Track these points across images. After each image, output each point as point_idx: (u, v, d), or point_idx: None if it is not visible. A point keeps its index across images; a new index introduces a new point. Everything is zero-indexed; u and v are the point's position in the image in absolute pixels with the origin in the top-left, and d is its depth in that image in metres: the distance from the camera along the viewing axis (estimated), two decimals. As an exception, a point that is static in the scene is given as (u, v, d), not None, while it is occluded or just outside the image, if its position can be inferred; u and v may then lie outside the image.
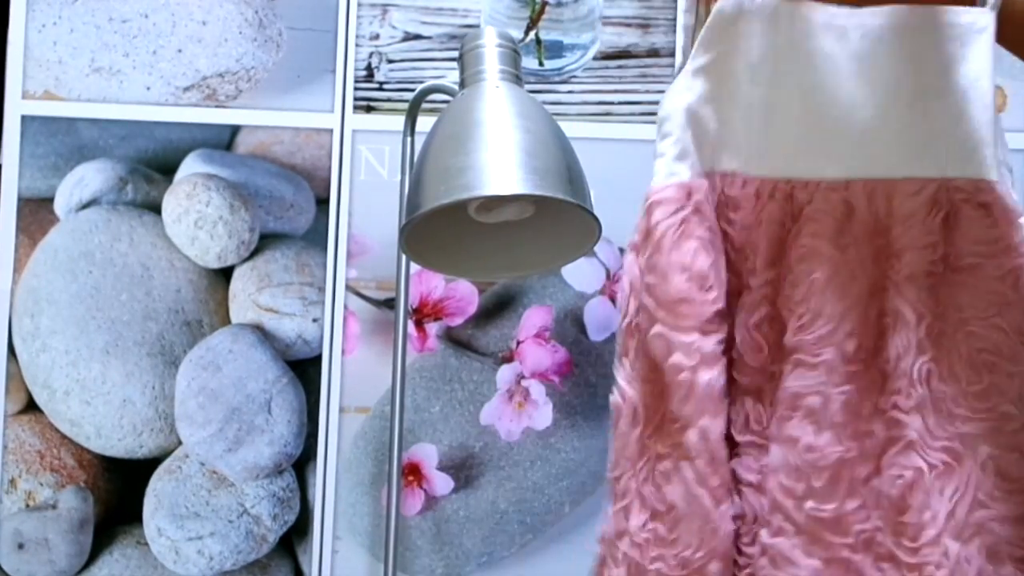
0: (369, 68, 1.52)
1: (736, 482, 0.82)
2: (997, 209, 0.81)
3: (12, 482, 1.48)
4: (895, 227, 0.81)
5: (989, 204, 0.81)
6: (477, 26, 1.50)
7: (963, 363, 0.79)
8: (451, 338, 1.48)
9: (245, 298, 1.50)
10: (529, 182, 0.99)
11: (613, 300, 1.44)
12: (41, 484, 1.48)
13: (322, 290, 1.50)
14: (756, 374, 0.83)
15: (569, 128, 1.11)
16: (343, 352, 1.49)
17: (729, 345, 0.84)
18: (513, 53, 1.09)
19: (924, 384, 0.78)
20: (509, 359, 1.47)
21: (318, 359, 1.49)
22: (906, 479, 0.77)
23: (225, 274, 1.50)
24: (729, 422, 0.83)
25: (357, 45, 1.52)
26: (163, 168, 1.51)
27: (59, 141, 1.50)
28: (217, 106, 1.51)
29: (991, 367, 0.79)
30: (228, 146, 1.51)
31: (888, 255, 0.81)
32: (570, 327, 1.47)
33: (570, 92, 1.49)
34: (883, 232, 0.81)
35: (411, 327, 1.47)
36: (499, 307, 1.48)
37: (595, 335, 1.47)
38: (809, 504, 0.78)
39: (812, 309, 0.79)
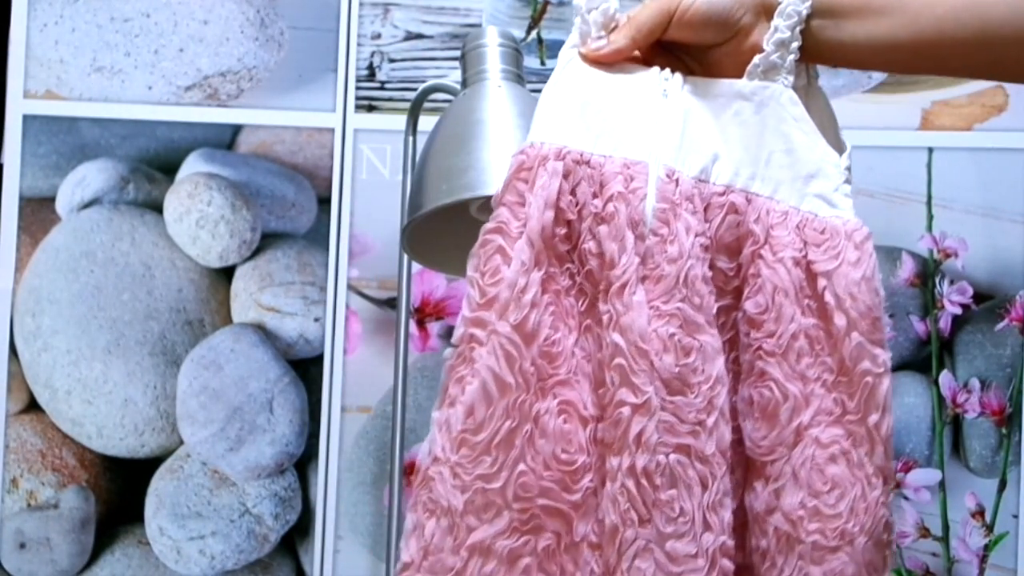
0: (371, 67, 1.52)
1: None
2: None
3: (14, 481, 1.48)
4: None
5: None
6: (479, 25, 1.50)
7: None
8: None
9: (247, 297, 1.50)
10: (531, 181, 0.98)
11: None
12: (43, 483, 1.48)
13: (324, 289, 1.50)
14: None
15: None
16: (345, 351, 1.49)
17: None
18: (515, 52, 1.09)
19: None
20: (511, 358, 1.47)
21: (320, 358, 1.49)
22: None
23: (227, 273, 1.50)
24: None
25: (359, 44, 1.52)
26: (165, 167, 1.51)
27: (61, 140, 1.50)
28: (219, 105, 1.51)
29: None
30: (230, 145, 1.51)
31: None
32: (572, 326, 1.47)
33: (572, 91, 1.49)
34: None
35: (413, 326, 1.47)
36: (501, 306, 1.47)
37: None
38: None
39: None
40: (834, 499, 0.78)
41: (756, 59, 0.82)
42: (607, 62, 0.83)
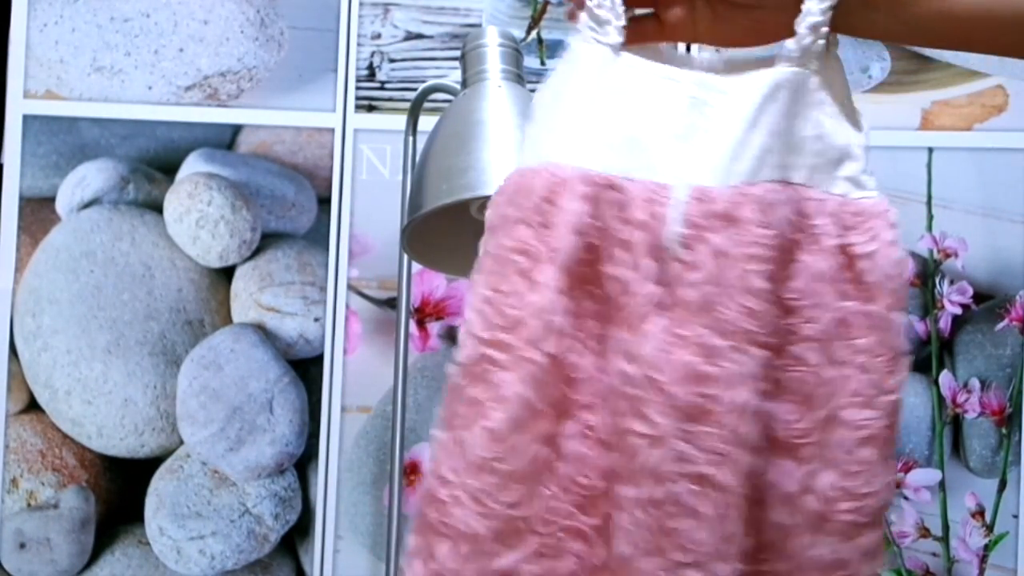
0: (371, 67, 1.52)
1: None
2: None
3: (14, 481, 1.48)
4: None
5: None
6: (479, 25, 1.50)
7: None
8: (453, 337, 1.48)
9: (247, 297, 1.50)
10: (531, 181, 0.98)
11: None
12: (43, 484, 1.48)
13: (324, 289, 1.50)
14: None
15: (571, 127, 1.11)
16: (345, 351, 1.49)
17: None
18: (515, 52, 1.09)
19: None
20: (511, 358, 1.47)
21: (320, 358, 1.49)
22: None
23: (227, 273, 1.50)
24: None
25: (359, 44, 1.52)
26: (165, 167, 1.51)
27: (61, 140, 1.50)
28: (219, 105, 1.51)
29: None
30: (230, 145, 1.51)
31: None
32: (572, 326, 1.47)
33: (572, 91, 1.50)
34: None
35: (413, 326, 1.47)
36: (501, 306, 1.48)
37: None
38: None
39: None
40: (863, 480, 0.79)
41: (790, 43, 0.81)
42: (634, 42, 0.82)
